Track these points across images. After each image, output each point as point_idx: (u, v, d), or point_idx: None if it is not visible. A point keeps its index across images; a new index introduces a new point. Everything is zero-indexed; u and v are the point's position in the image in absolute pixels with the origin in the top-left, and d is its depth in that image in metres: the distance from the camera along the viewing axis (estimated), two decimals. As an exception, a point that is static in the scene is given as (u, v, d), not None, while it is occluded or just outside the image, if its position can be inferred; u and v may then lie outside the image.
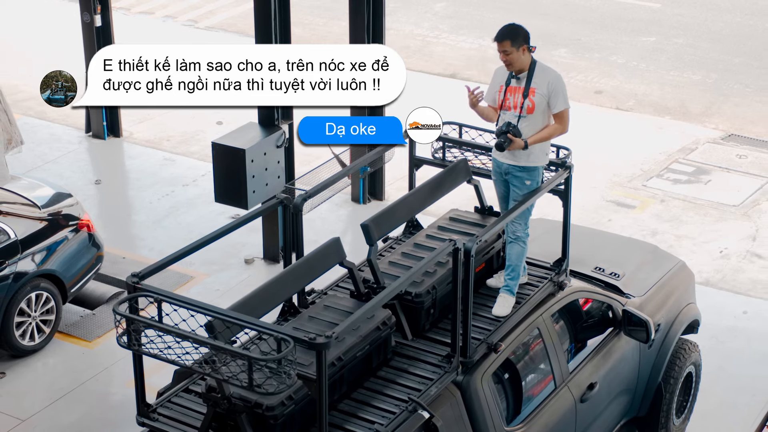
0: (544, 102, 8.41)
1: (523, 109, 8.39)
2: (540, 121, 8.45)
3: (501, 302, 8.35)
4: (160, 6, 22.51)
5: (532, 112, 8.39)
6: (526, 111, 8.39)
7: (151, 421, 7.22)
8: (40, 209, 11.80)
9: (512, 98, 8.44)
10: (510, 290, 8.41)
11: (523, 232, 8.51)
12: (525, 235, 8.54)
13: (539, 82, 8.39)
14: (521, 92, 8.40)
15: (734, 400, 10.88)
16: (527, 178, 8.51)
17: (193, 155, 16.04)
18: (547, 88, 8.40)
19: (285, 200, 8.32)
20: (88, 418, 10.72)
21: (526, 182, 8.51)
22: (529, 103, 8.38)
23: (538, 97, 8.39)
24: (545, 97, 8.41)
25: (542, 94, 8.39)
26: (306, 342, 6.40)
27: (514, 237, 8.51)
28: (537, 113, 8.41)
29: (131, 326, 6.71)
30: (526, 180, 8.50)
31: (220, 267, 13.07)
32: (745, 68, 19.24)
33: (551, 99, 8.42)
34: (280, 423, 6.88)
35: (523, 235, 8.51)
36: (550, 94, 8.41)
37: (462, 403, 7.67)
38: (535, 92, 8.38)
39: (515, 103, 8.42)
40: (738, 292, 12.72)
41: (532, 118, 8.41)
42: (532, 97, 8.38)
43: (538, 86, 8.39)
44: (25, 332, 11.40)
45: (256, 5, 12.16)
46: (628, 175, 15.46)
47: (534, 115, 8.40)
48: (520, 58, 8.36)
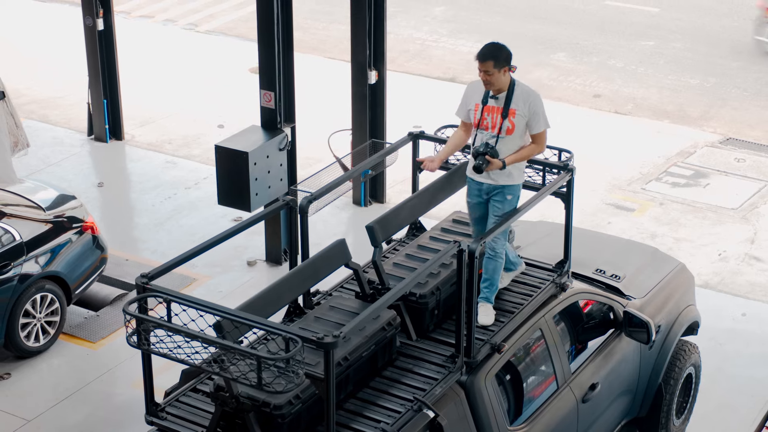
0: (523, 123, 8.25)
1: (501, 129, 8.23)
2: (518, 141, 8.30)
3: (482, 311, 8.32)
4: (161, 10, 22.59)
5: (511, 134, 8.25)
6: (505, 132, 8.24)
7: (159, 420, 7.30)
8: (45, 211, 11.87)
9: (490, 118, 8.28)
10: (488, 299, 8.41)
11: (502, 248, 8.45)
12: (503, 251, 8.49)
13: (519, 103, 8.22)
14: (500, 112, 8.23)
15: (733, 402, 10.97)
16: (509, 193, 8.40)
17: (195, 158, 16.12)
18: (528, 109, 8.23)
19: (290, 202, 8.41)
20: (92, 418, 10.79)
21: (507, 197, 8.39)
22: (509, 124, 8.22)
23: (518, 119, 8.23)
24: (525, 118, 8.25)
25: (522, 115, 8.23)
26: (314, 341, 6.48)
27: (492, 253, 8.42)
28: (516, 134, 8.26)
29: (141, 326, 6.79)
30: (508, 195, 8.40)
31: (222, 269, 13.15)
32: (743, 72, 19.34)
33: (531, 120, 8.26)
34: (288, 422, 6.96)
35: (501, 252, 8.44)
36: (531, 115, 8.24)
37: (466, 402, 7.75)
38: (515, 113, 8.22)
39: (493, 123, 8.26)
40: (737, 295, 12.81)
41: (510, 139, 8.27)
42: (511, 118, 8.22)
43: (518, 107, 8.22)
44: (30, 333, 11.47)
45: (258, 9, 12.24)
46: (627, 178, 15.56)
47: (512, 136, 8.26)
48: (501, 79, 8.17)
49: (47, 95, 18.26)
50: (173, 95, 18.40)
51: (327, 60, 19.93)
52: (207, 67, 19.61)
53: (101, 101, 16.22)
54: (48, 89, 18.46)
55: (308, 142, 14.98)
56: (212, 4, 22.88)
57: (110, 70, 16.17)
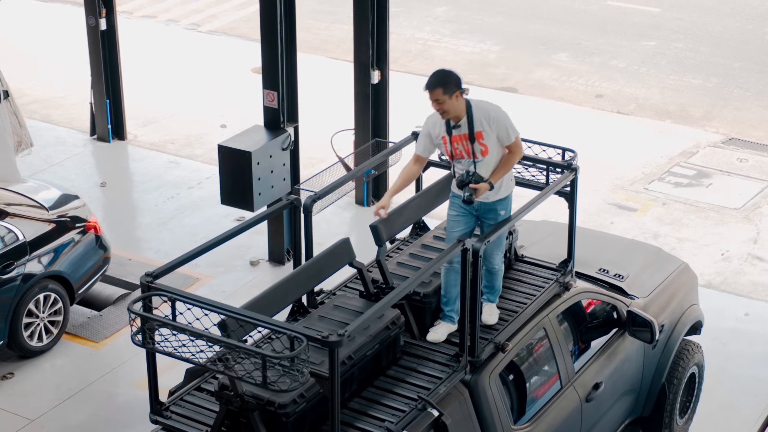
0: (493, 139, 8.10)
1: (476, 154, 8.10)
2: (495, 157, 8.17)
3: (487, 310, 8.32)
4: (163, 10, 22.60)
5: (486, 155, 8.12)
6: (480, 155, 8.10)
7: (164, 419, 7.30)
8: (48, 211, 11.87)
9: (461, 146, 8.13)
10: (491, 300, 8.40)
11: (500, 264, 8.41)
12: (501, 264, 8.45)
13: (482, 124, 8.05)
14: (467, 139, 8.08)
15: (736, 401, 10.97)
16: (501, 208, 8.32)
17: (197, 158, 16.13)
18: (493, 126, 8.06)
19: (295, 202, 8.41)
20: (95, 418, 10.79)
21: (500, 213, 8.32)
22: (481, 147, 8.08)
23: (487, 138, 8.07)
24: (493, 134, 8.08)
25: (489, 133, 8.07)
26: (319, 340, 6.49)
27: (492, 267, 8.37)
28: (492, 153, 8.13)
29: (145, 325, 6.79)
30: (501, 210, 8.32)
31: (225, 269, 13.15)
32: (745, 72, 19.34)
33: (500, 134, 8.09)
34: (292, 420, 6.97)
35: (500, 266, 8.41)
36: (498, 130, 8.07)
37: (470, 401, 7.75)
38: (482, 135, 8.05)
39: (466, 150, 8.12)
40: (739, 295, 12.81)
41: (488, 159, 8.14)
42: (480, 140, 8.06)
43: (483, 128, 8.05)
44: (33, 333, 11.47)
45: (262, 9, 12.25)
46: (629, 178, 15.56)
47: (489, 155, 8.13)
48: (455, 105, 7.96)
49: (50, 95, 18.26)
50: (176, 95, 18.41)
51: (329, 60, 19.94)
52: (209, 67, 19.62)
53: (104, 101, 16.22)
54: (50, 89, 18.47)
55: (311, 141, 14.98)
56: (214, 4, 22.88)
57: (113, 70, 16.18)
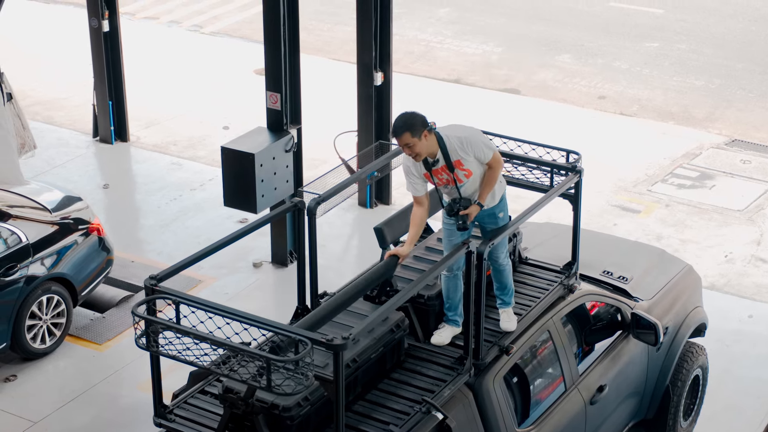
0: (473, 162, 8.01)
1: (460, 178, 8.03)
2: (480, 173, 8.09)
3: (504, 317, 8.32)
4: (166, 11, 22.59)
5: (470, 176, 8.04)
6: (465, 178, 8.04)
7: (168, 421, 7.30)
8: (51, 213, 11.86)
9: (445, 176, 8.05)
10: (506, 303, 8.39)
11: (505, 259, 8.37)
12: (507, 260, 8.42)
13: (457, 153, 7.96)
14: (447, 169, 8.00)
15: (740, 403, 10.96)
16: (499, 211, 8.30)
17: (200, 160, 16.12)
18: (468, 151, 7.96)
19: (299, 204, 8.40)
20: (98, 420, 10.79)
21: (499, 215, 8.30)
22: (463, 171, 8.01)
23: (467, 163, 7.99)
24: (471, 157, 7.99)
25: (467, 159, 7.98)
26: (324, 343, 6.48)
27: (497, 265, 8.34)
28: (475, 174, 8.06)
29: (150, 328, 6.78)
30: (499, 213, 8.30)
31: (228, 271, 13.14)
32: (748, 74, 19.33)
33: (477, 155, 7.98)
34: (297, 423, 6.96)
35: (506, 262, 8.37)
36: (474, 152, 7.97)
37: (474, 404, 7.75)
38: (461, 162, 7.98)
39: (449, 179, 8.05)
40: (743, 296, 12.80)
41: (473, 180, 8.08)
42: (461, 167, 7.99)
43: (459, 156, 7.96)
44: (37, 335, 11.47)
45: (265, 10, 12.24)
46: (632, 180, 15.55)
47: (473, 176, 8.06)
48: (425, 145, 7.79)
49: (52, 96, 18.26)
50: (178, 97, 18.40)
51: (332, 61, 19.92)
52: (212, 69, 19.61)
53: (106, 103, 16.22)
54: (53, 91, 18.47)
55: (314, 143, 14.98)
56: (217, 5, 22.88)
57: (115, 72, 16.18)
